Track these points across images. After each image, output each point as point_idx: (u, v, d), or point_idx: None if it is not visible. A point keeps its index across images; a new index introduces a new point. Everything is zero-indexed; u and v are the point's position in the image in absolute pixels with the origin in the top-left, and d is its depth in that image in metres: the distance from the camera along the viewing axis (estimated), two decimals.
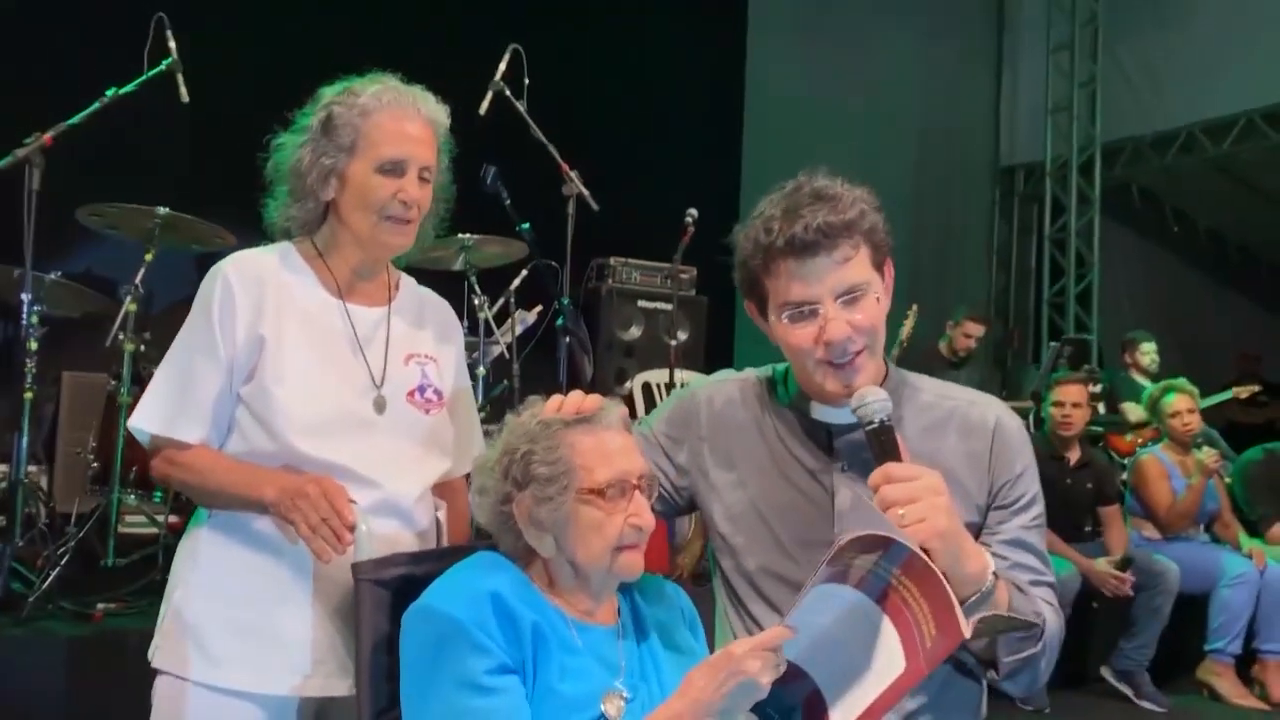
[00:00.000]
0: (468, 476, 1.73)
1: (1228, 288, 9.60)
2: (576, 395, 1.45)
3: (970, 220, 9.19)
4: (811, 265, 1.43)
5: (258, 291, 1.62)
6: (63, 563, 3.07)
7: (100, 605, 2.98)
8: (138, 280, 3.44)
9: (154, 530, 3.44)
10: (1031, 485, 1.54)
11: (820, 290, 1.44)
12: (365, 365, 1.65)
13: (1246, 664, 4.56)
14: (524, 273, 4.22)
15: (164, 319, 4.05)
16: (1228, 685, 4.43)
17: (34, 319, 3.45)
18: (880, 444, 1.39)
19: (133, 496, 3.49)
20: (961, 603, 1.28)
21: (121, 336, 3.43)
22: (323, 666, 1.58)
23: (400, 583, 1.46)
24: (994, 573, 1.39)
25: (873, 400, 1.40)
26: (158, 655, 1.62)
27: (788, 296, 1.45)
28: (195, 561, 1.63)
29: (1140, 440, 5.75)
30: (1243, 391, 6.82)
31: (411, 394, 1.68)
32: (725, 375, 1.69)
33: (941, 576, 1.19)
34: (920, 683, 1.30)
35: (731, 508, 1.58)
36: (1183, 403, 4.80)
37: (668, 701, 1.28)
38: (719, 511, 1.59)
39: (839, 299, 1.44)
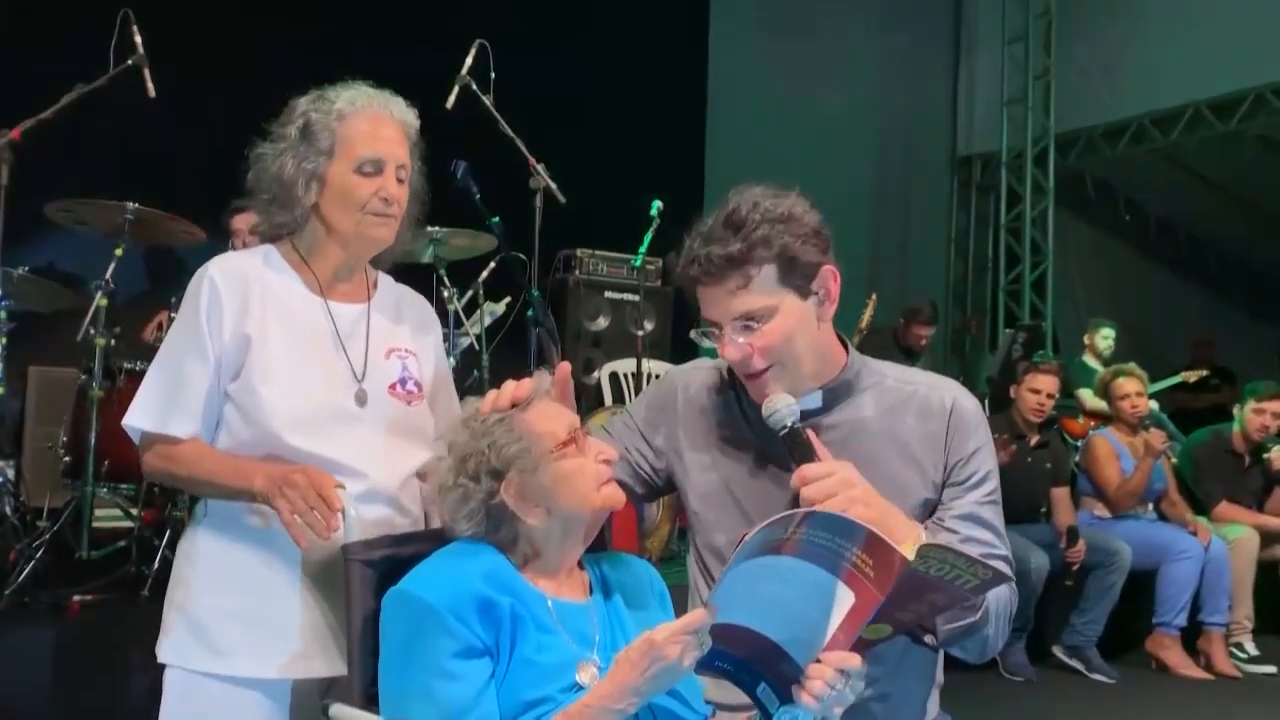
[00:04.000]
0: None
1: (1178, 275, 9.83)
2: (509, 385, 1.54)
3: (929, 210, 9.33)
4: (708, 294, 1.56)
5: (242, 291, 1.67)
6: (37, 556, 3.09)
7: (76, 597, 3.01)
8: (108, 275, 3.45)
9: (128, 524, 3.46)
10: (985, 463, 1.62)
11: (718, 315, 1.56)
12: (347, 360, 1.71)
13: (1192, 636, 4.73)
14: (492, 265, 4.26)
15: (131, 313, 4.05)
16: (1174, 657, 4.59)
17: (1, 314, 3.46)
18: (793, 447, 1.50)
19: (105, 490, 3.49)
20: None
21: (93, 331, 3.43)
22: (324, 649, 1.63)
23: (387, 564, 1.52)
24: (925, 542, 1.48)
25: (780, 407, 1.51)
26: (163, 650, 1.67)
27: (702, 316, 1.59)
28: (193, 559, 1.69)
29: (1092, 424, 5.93)
30: (1191, 376, 7.04)
31: (393, 387, 1.74)
32: (701, 362, 1.79)
33: (889, 541, 1.27)
34: (881, 641, 1.37)
35: (702, 486, 1.67)
36: (1132, 385, 4.97)
37: (599, 684, 1.35)
38: (691, 490, 1.68)
39: (734, 322, 1.55)
